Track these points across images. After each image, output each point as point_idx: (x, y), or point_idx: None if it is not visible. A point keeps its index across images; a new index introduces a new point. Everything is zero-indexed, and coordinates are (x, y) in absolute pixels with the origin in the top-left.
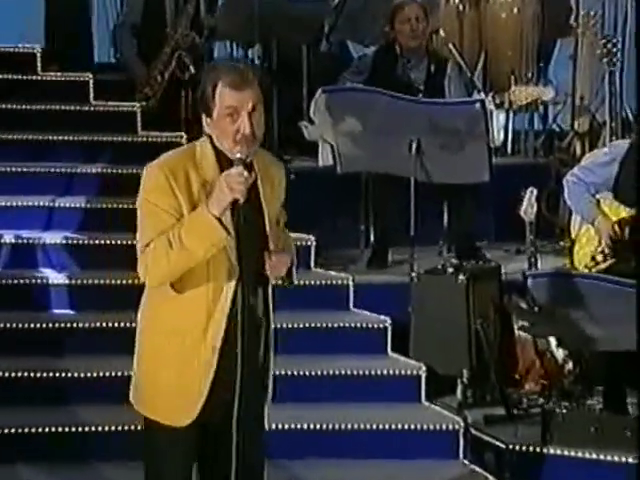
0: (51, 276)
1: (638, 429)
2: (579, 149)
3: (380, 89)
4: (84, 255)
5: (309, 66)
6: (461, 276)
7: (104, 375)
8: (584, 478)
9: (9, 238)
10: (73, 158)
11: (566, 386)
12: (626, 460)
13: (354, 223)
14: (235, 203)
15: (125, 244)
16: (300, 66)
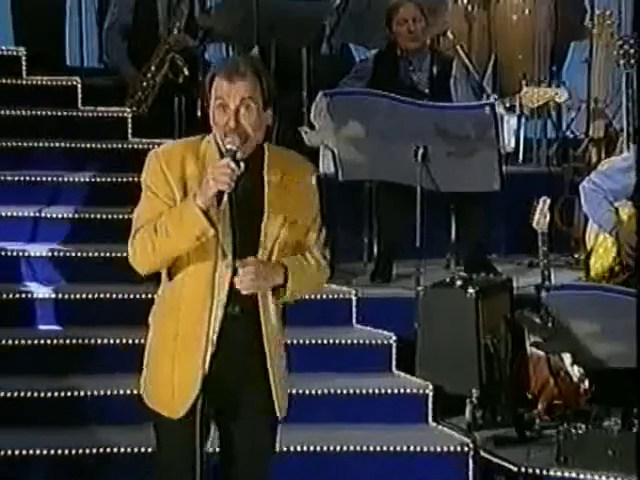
0: (36, 290)
1: (637, 447)
2: (595, 156)
3: (384, 92)
4: (71, 268)
5: (309, 70)
6: (470, 289)
7: (92, 394)
8: None
9: None
10: (60, 166)
11: (582, 406)
12: None
13: (357, 234)
14: (221, 195)
15: (115, 256)
16: (300, 70)
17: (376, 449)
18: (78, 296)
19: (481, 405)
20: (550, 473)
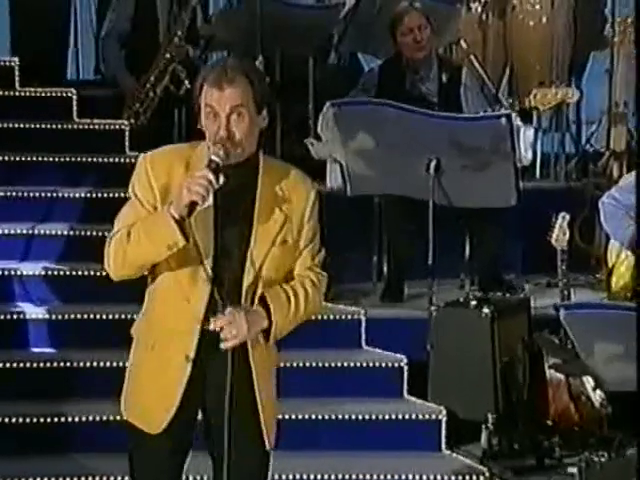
0: (29, 311)
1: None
2: (616, 171)
3: (394, 102)
4: (66, 287)
5: (316, 80)
6: (486, 309)
7: (88, 420)
8: None
9: None
10: (54, 181)
11: (604, 433)
12: None
13: (366, 252)
14: (193, 206)
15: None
16: (306, 80)
17: (386, 478)
18: (73, 316)
19: (497, 432)
20: None
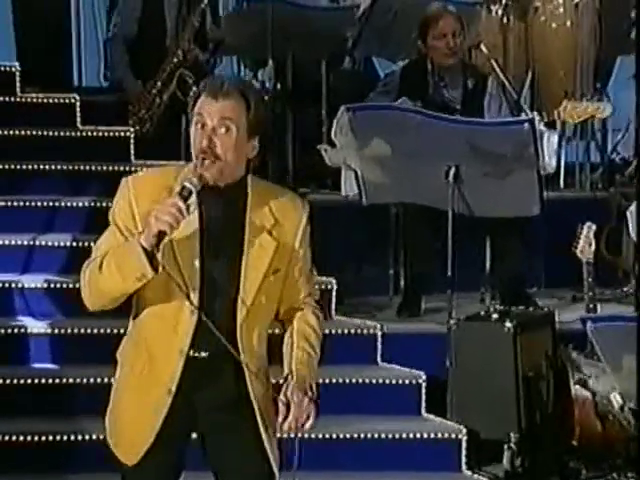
0: (30, 325)
1: None
2: None
3: (412, 107)
4: (68, 301)
5: (329, 86)
6: (508, 323)
7: (91, 438)
8: None
9: None
10: (57, 190)
11: (633, 453)
12: None
13: (382, 263)
14: (161, 236)
15: None
16: (319, 86)
17: None
18: (76, 331)
19: (520, 452)
20: None
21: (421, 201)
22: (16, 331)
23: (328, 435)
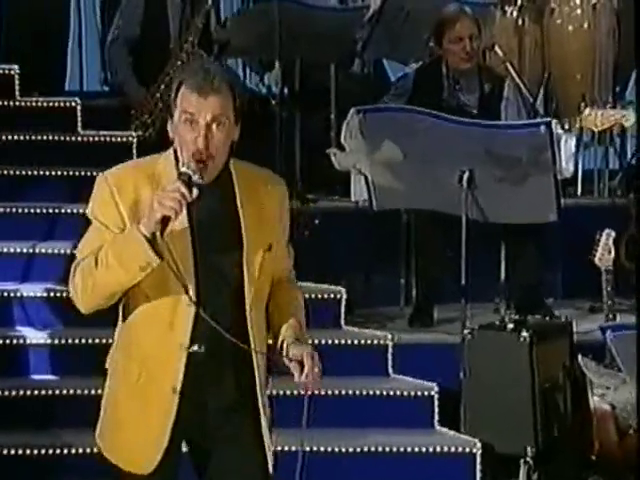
0: (30, 335)
1: None
2: None
3: (424, 109)
4: (69, 310)
5: (338, 89)
6: (524, 333)
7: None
8: None
9: None
10: (58, 196)
11: None
12: None
13: (393, 272)
14: (166, 222)
15: None
16: (327, 89)
17: None
18: (77, 341)
19: (537, 466)
20: None
21: (433, 207)
22: (15, 341)
23: (337, 449)
